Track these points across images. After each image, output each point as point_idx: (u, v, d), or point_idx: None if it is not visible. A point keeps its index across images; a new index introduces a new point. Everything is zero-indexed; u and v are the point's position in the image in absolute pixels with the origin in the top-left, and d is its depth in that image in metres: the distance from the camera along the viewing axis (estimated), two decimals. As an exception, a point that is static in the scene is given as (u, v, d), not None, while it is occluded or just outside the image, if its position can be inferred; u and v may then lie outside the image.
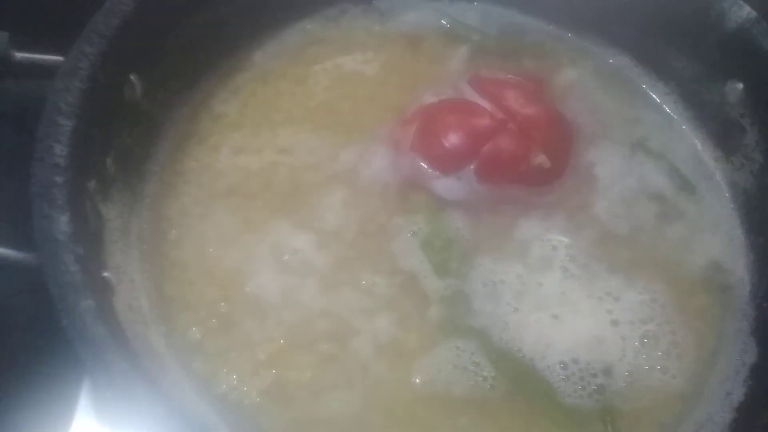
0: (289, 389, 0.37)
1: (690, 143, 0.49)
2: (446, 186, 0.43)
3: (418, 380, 0.38)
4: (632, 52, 0.51)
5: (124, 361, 0.30)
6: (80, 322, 0.30)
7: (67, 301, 0.30)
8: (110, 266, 0.37)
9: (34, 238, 0.33)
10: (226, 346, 0.38)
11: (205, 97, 0.46)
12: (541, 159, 0.42)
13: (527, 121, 0.43)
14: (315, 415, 0.37)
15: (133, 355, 0.32)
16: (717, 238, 0.45)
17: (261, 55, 0.49)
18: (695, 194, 0.46)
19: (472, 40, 0.51)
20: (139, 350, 0.35)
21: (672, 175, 0.47)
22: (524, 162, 0.42)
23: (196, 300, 0.40)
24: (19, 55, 0.38)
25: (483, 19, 0.53)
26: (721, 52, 0.45)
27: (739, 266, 0.44)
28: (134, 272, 0.39)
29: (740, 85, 0.45)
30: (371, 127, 0.46)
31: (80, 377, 0.42)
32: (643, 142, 0.48)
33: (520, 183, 0.43)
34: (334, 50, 0.50)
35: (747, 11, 0.44)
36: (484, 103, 0.44)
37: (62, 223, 0.32)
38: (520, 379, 0.38)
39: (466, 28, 0.52)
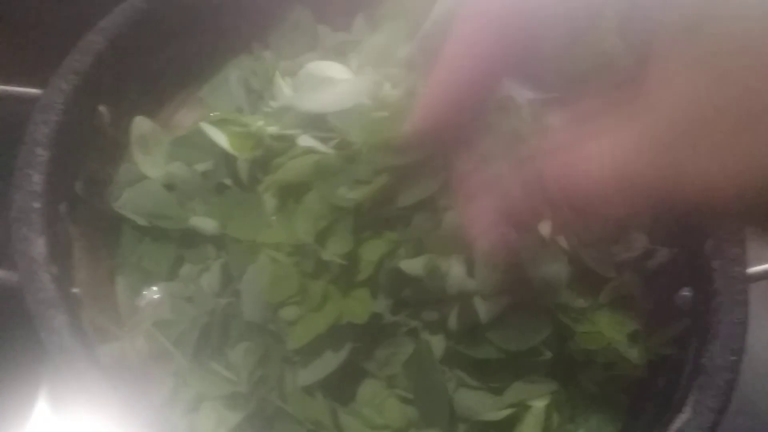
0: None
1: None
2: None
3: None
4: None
5: (97, 370, 0.34)
6: (57, 336, 0.34)
7: (44, 317, 0.35)
8: (78, 282, 0.41)
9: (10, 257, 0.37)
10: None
11: (164, 124, 0.51)
12: None
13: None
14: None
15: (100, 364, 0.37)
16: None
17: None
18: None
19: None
20: (104, 359, 0.39)
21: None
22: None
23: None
24: (-1, 88, 0.42)
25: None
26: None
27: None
28: (96, 288, 0.43)
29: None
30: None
31: (38, 380, 0.46)
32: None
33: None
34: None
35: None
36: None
37: (40, 245, 0.36)
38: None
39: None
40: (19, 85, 0.42)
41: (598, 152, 0.27)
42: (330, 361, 0.39)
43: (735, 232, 0.46)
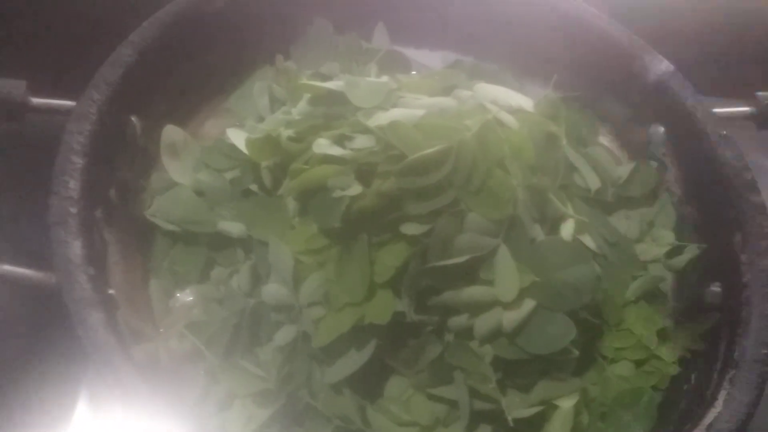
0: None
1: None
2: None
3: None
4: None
5: (131, 366, 0.35)
6: (93, 332, 0.36)
7: (82, 315, 0.36)
8: (113, 284, 0.42)
9: (42, 259, 0.38)
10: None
11: (193, 134, 0.52)
12: None
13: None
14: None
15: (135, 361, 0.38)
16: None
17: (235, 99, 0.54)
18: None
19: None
20: (138, 358, 0.40)
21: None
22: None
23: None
24: (36, 100, 0.44)
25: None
26: (645, 100, 0.52)
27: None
28: (131, 290, 0.45)
29: (661, 129, 0.52)
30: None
31: (79, 382, 0.47)
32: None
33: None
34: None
35: (666, 65, 0.51)
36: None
37: (76, 247, 0.38)
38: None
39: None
40: (56, 98, 0.44)
41: None
42: (355, 359, 0.39)
43: (763, 225, 0.45)
